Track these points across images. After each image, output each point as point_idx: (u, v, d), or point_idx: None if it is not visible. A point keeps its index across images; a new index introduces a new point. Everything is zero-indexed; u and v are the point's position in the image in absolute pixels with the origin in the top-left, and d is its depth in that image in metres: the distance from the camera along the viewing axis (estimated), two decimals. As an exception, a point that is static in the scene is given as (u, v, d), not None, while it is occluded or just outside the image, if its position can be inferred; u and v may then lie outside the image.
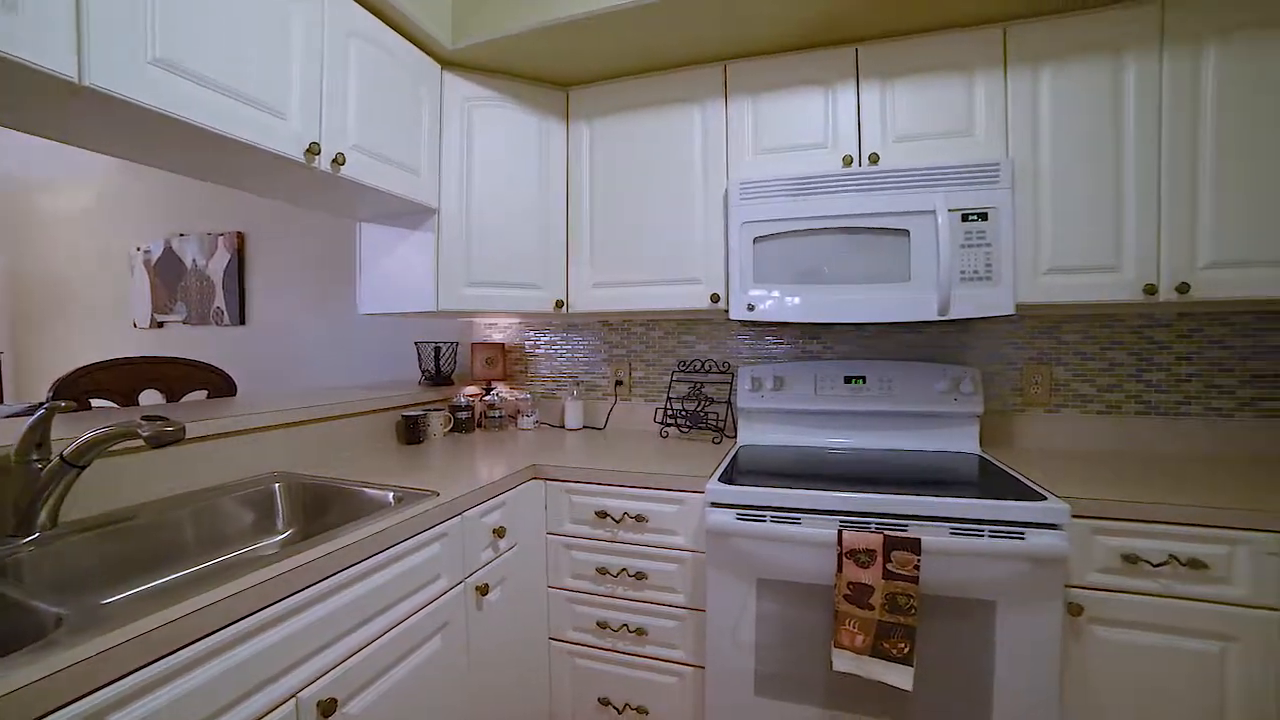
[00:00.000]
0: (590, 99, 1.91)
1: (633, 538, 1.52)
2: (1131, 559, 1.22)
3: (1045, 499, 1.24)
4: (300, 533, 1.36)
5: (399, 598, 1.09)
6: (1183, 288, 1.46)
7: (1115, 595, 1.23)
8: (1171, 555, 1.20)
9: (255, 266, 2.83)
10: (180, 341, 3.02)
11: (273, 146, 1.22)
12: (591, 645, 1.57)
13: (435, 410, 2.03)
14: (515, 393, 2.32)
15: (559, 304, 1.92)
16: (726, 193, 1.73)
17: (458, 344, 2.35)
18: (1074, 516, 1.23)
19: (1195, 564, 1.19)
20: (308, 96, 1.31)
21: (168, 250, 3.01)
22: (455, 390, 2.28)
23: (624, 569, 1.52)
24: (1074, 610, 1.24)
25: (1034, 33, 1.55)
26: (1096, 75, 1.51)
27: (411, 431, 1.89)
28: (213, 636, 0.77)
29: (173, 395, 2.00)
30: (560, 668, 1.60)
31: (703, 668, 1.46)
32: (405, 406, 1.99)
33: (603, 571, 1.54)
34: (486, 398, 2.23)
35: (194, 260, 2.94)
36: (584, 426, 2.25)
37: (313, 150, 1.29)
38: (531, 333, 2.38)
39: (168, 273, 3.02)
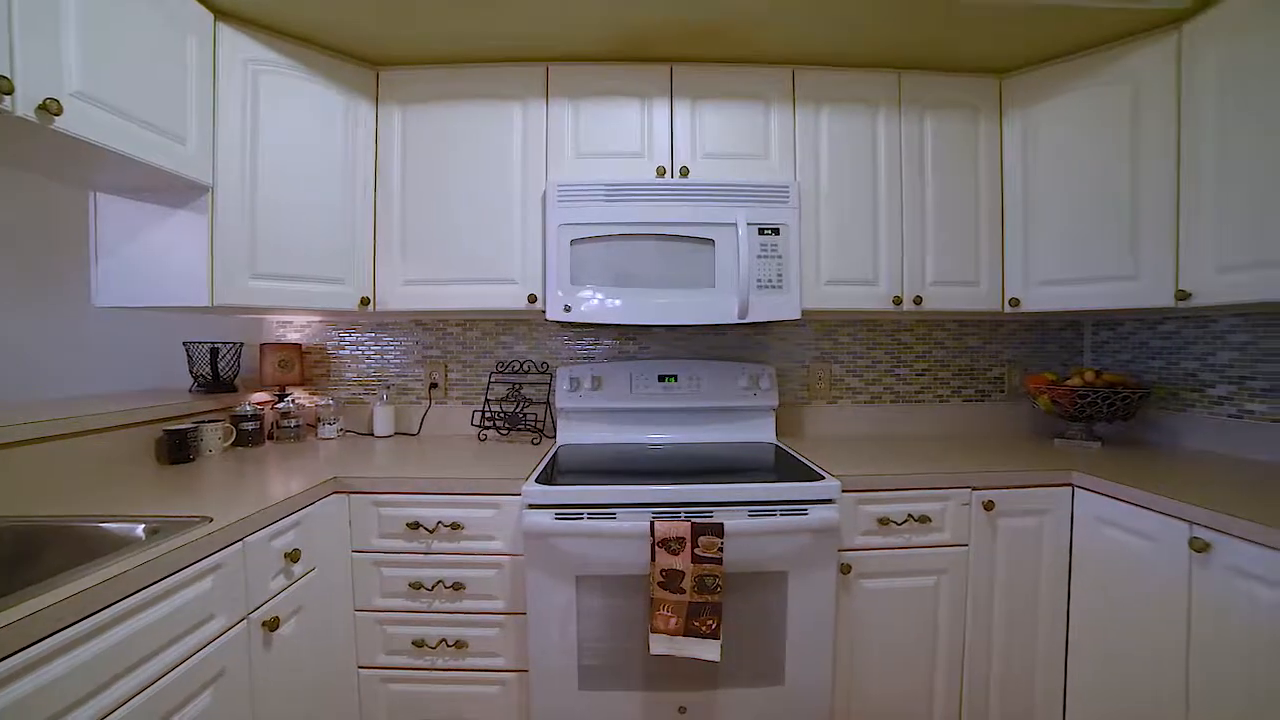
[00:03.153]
0: (404, 83, 1.78)
1: (449, 547, 1.45)
2: (884, 521, 1.48)
3: (823, 478, 1.45)
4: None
5: (152, 652, 0.90)
6: (918, 300, 1.81)
7: (873, 552, 1.49)
8: (909, 514, 1.49)
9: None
10: None
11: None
12: (407, 667, 1.46)
13: (212, 422, 1.73)
14: (315, 399, 2.08)
15: (365, 301, 1.76)
16: (545, 194, 1.73)
17: (242, 345, 2.02)
18: (844, 491, 1.46)
19: (923, 519, 1.49)
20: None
21: None
22: (240, 398, 1.96)
23: (440, 581, 1.44)
24: (845, 569, 1.47)
25: (814, 78, 1.80)
26: (859, 122, 1.81)
27: (178, 449, 1.59)
28: None
29: None
30: (373, 697, 1.47)
31: (526, 671, 1.45)
32: (169, 419, 1.66)
33: (417, 586, 1.44)
34: (279, 405, 1.96)
35: None
36: (395, 433, 2.09)
37: (1, 87, 0.98)
38: (335, 332, 2.14)
39: None
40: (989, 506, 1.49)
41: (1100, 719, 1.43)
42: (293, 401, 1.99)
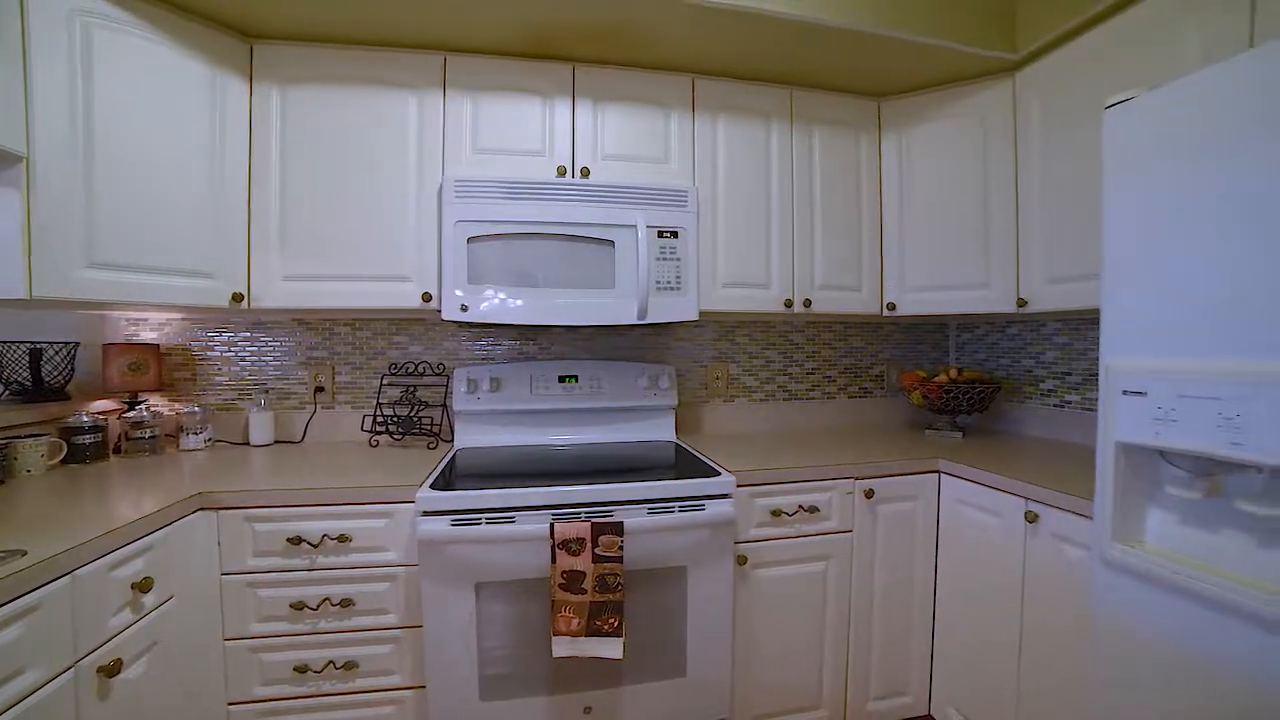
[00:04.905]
0: (284, 60, 1.63)
1: (336, 561, 1.35)
2: (776, 513, 1.56)
3: (719, 474, 1.51)
4: None
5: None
6: (807, 302, 1.93)
7: (767, 543, 1.56)
8: (800, 506, 1.58)
9: None
10: None
11: None
12: (289, 697, 1.34)
13: (32, 436, 1.48)
14: (177, 406, 1.85)
15: (238, 298, 1.60)
16: (441, 189, 1.66)
17: (78, 345, 1.76)
18: (739, 486, 1.52)
19: (812, 509, 1.59)
20: None
21: None
22: (74, 407, 1.70)
23: (326, 599, 1.34)
24: (741, 561, 1.53)
25: (713, 87, 1.86)
26: (754, 132, 1.90)
27: (-16, 469, 1.35)
28: None
29: None
30: (244, 734, 1.34)
31: (424, 687, 1.38)
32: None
33: (299, 607, 1.33)
34: (129, 414, 1.73)
35: None
36: (275, 441, 1.91)
37: None
38: (202, 331, 1.92)
39: None
40: (870, 495, 1.62)
41: (958, 675, 1.61)
42: (147, 409, 1.76)
